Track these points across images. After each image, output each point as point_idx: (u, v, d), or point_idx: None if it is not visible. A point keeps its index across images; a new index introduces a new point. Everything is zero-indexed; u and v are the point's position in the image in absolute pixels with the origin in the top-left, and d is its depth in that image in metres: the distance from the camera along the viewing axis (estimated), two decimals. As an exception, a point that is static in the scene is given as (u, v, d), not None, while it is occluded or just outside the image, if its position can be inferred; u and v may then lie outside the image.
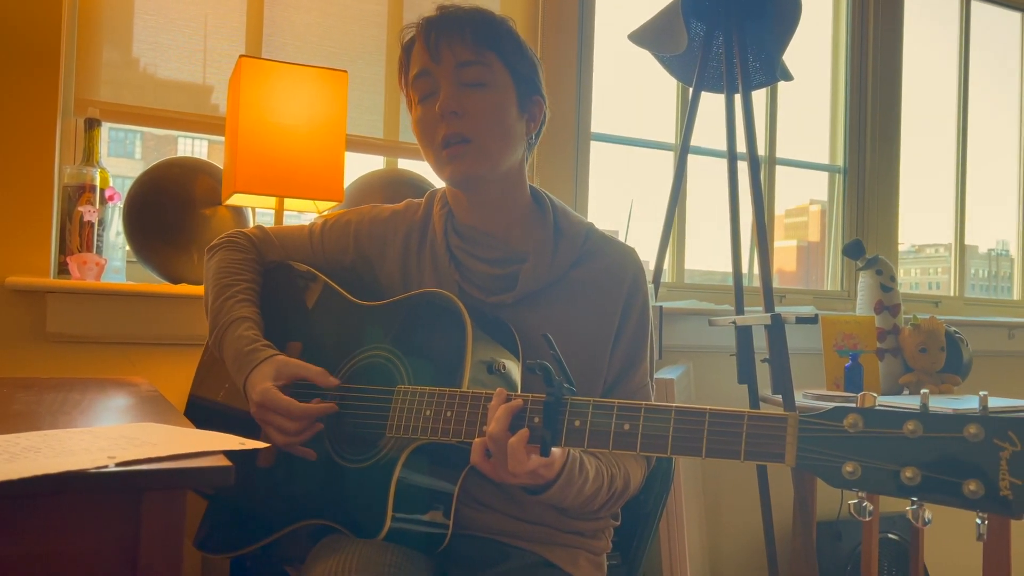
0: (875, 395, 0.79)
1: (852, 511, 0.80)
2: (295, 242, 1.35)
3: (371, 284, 1.29)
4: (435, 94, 1.16)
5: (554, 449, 0.98)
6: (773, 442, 0.82)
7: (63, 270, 1.73)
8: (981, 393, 0.78)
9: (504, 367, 1.11)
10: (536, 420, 0.96)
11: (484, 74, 1.15)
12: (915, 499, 0.75)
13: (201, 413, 1.36)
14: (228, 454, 0.73)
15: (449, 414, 1.03)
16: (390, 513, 1.02)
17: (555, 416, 0.95)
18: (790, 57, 2.14)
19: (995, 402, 2.13)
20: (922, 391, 0.78)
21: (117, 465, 0.66)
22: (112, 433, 0.80)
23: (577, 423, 0.94)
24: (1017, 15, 3.39)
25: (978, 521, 0.74)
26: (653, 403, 0.92)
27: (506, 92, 1.17)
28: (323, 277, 1.30)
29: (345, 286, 1.27)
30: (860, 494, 0.79)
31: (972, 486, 0.72)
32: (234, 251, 1.33)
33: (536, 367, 0.94)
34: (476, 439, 0.99)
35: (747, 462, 0.84)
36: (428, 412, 1.05)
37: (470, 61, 1.14)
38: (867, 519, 0.80)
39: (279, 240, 1.36)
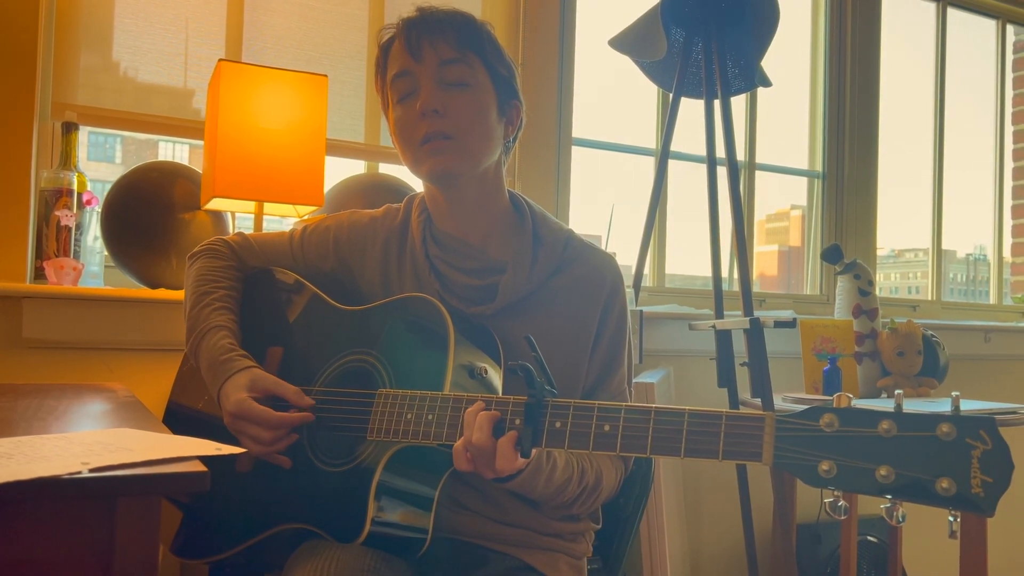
0: (850, 396, 0.80)
1: (827, 509, 0.81)
2: (276, 249, 1.35)
3: (352, 290, 1.29)
4: (415, 94, 1.16)
5: None
6: (750, 441, 0.83)
7: (39, 275, 1.72)
8: (953, 394, 0.79)
9: (486, 371, 1.11)
10: (517, 421, 0.96)
11: (466, 74, 1.16)
12: (889, 497, 0.77)
13: (180, 421, 1.35)
14: (205, 460, 0.73)
15: (430, 417, 1.03)
16: (370, 517, 1.02)
17: (536, 417, 0.96)
18: (769, 63, 2.16)
19: (971, 405, 2.16)
20: (896, 392, 0.79)
21: (91, 471, 0.65)
22: (87, 439, 0.79)
23: (558, 424, 0.94)
24: (992, 22, 3.43)
25: (950, 519, 0.75)
26: (633, 404, 0.92)
27: (487, 94, 1.18)
28: (305, 282, 1.30)
29: (327, 292, 1.27)
30: (836, 493, 0.80)
31: (944, 484, 0.73)
32: (213, 258, 1.32)
33: (518, 368, 0.95)
34: (457, 445, 0.99)
35: (726, 463, 0.85)
36: (409, 415, 1.05)
37: (453, 59, 1.15)
38: (843, 517, 0.81)
39: (260, 247, 1.36)
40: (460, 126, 1.15)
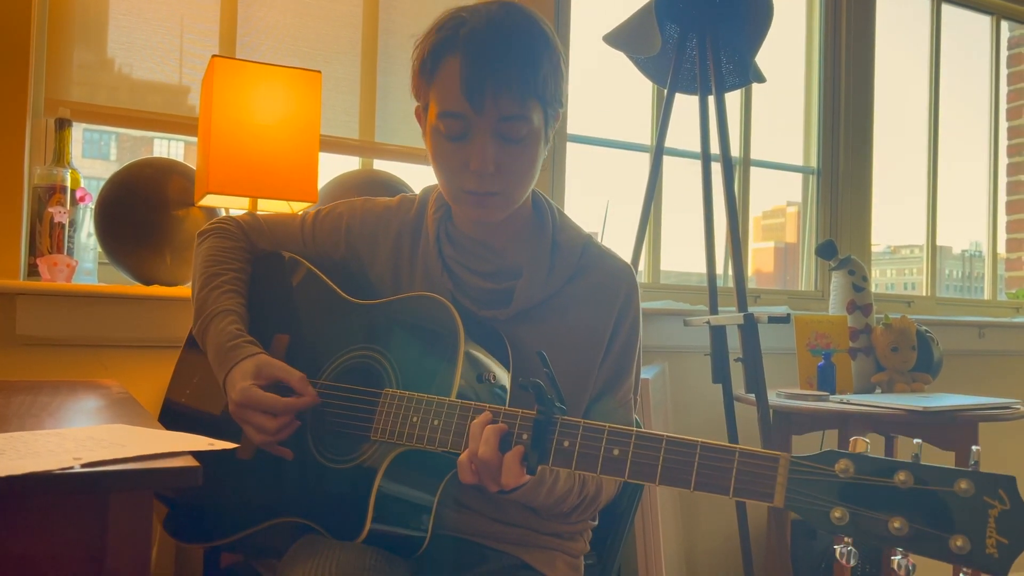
0: (867, 440, 0.78)
1: (837, 556, 0.79)
2: (286, 232, 1.32)
3: (362, 281, 1.27)
4: (466, 139, 1.09)
5: None
6: (763, 481, 0.81)
7: (33, 272, 1.72)
8: (973, 448, 0.76)
9: (494, 376, 1.09)
10: (524, 436, 0.95)
11: (524, 129, 1.09)
12: (901, 549, 0.75)
13: (177, 418, 1.35)
14: (205, 452, 0.73)
15: (436, 423, 1.02)
16: (370, 516, 1.01)
17: (544, 435, 0.94)
18: (763, 59, 2.16)
19: (965, 400, 2.16)
20: (915, 440, 0.77)
21: (83, 466, 0.66)
22: (79, 435, 0.79)
23: (566, 443, 0.92)
24: (987, 18, 3.44)
25: (961, 575, 0.73)
26: (644, 431, 0.90)
27: (540, 138, 1.12)
28: (315, 270, 1.27)
29: (336, 281, 1.25)
30: (846, 540, 0.78)
31: (959, 542, 0.71)
32: (223, 238, 1.30)
33: (528, 385, 0.93)
34: (462, 458, 0.97)
35: (736, 499, 0.84)
36: (415, 419, 1.03)
37: (514, 116, 1.07)
38: (852, 564, 0.79)
39: (270, 228, 1.33)
40: (510, 182, 1.11)
